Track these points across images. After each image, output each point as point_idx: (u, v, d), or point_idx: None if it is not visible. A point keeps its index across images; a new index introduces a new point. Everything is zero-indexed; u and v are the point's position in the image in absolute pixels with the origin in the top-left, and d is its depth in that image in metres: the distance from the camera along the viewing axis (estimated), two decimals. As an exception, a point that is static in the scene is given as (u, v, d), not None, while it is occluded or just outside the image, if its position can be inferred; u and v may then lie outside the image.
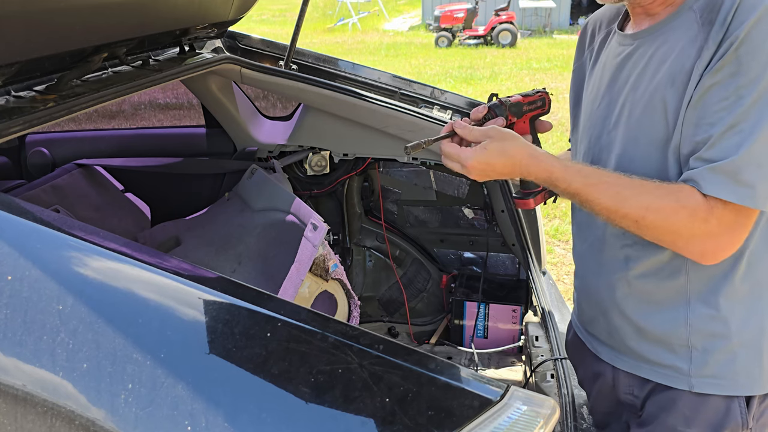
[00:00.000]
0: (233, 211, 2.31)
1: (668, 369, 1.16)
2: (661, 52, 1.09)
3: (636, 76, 1.13)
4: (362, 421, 0.78)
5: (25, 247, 0.89)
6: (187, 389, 0.77)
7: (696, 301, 1.12)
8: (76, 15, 1.44)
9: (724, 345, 1.12)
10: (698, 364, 1.14)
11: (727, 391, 1.13)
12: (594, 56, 1.30)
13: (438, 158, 2.37)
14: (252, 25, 18.03)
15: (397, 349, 0.87)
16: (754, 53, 0.96)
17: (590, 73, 1.30)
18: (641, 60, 1.12)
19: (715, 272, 1.10)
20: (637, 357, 1.20)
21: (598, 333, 1.29)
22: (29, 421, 0.81)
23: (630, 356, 1.22)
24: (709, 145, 0.99)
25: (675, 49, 1.06)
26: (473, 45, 14.24)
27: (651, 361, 1.18)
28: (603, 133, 1.20)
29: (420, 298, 2.77)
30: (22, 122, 1.38)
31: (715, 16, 1.01)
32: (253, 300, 0.89)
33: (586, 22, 1.37)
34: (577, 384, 1.52)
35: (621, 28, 1.22)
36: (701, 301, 1.12)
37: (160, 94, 3.02)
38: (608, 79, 1.20)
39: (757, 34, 0.96)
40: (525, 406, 0.84)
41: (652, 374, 1.19)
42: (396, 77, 2.41)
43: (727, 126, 0.98)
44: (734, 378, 1.12)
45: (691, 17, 1.06)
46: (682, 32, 1.06)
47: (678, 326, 1.14)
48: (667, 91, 1.06)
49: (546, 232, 4.14)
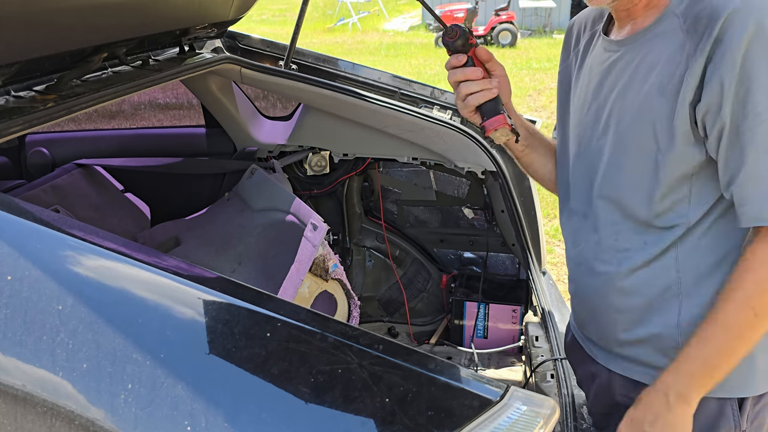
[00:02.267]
0: (233, 211, 2.31)
1: (660, 371, 1.16)
2: (649, 60, 1.09)
3: (623, 83, 1.13)
4: (362, 421, 0.78)
5: (25, 247, 0.89)
6: (187, 389, 0.77)
7: (687, 302, 1.12)
8: (76, 15, 1.44)
9: None
10: None
11: (718, 394, 1.12)
12: (579, 59, 1.29)
13: (437, 158, 2.37)
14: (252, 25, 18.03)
15: (397, 349, 0.87)
16: (758, 73, 0.96)
17: (577, 75, 1.29)
18: (628, 67, 1.12)
19: (704, 271, 1.11)
20: (630, 359, 1.21)
21: (592, 335, 1.29)
22: (29, 421, 0.81)
23: (623, 359, 1.22)
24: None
25: (662, 57, 1.06)
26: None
27: (643, 363, 1.19)
28: (592, 139, 1.20)
29: (420, 298, 2.77)
30: (22, 122, 1.38)
31: (701, 26, 1.00)
32: (253, 300, 0.89)
33: (572, 23, 1.36)
34: (577, 384, 1.52)
35: (606, 32, 1.22)
36: (692, 302, 1.12)
37: (160, 94, 3.02)
38: (595, 84, 1.20)
39: (756, 53, 0.96)
40: (525, 406, 0.84)
41: (645, 377, 1.19)
42: (396, 77, 2.41)
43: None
44: (725, 380, 1.11)
45: (676, 23, 1.05)
46: (668, 39, 1.06)
47: (669, 328, 1.14)
48: (655, 100, 1.06)
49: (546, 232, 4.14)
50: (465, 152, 2.29)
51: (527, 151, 1.37)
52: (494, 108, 1.18)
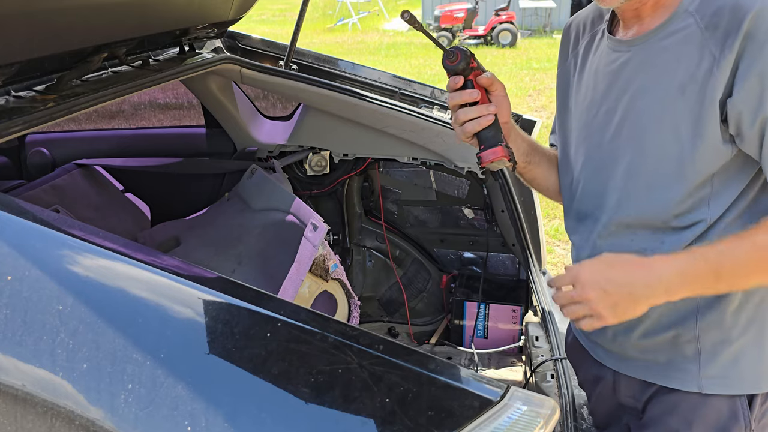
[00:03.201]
0: (233, 211, 2.31)
1: (677, 372, 1.15)
2: (664, 60, 1.06)
3: (638, 85, 1.10)
4: (362, 421, 0.78)
5: (25, 247, 0.89)
6: (186, 389, 0.77)
7: (705, 300, 1.11)
8: (76, 15, 1.44)
9: (731, 343, 1.12)
10: (706, 365, 1.13)
11: (734, 390, 1.13)
12: (580, 61, 1.26)
13: (437, 158, 2.37)
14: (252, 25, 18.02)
15: (397, 349, 0.87)
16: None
17: (578, 78, 1.26)
18: (641, 68, 1.09)
19: None
20: (645, 361, 1.19)
21: (601, 340, 1.27)
22: (29, 421, 0.81)
23: (637, 361, 1.21)
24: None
25: (679, 56, 1.04)
26: (473, 45, 14.24)
27: (659, 364, 1.17)
28: (603, 142, 1.17)
29: (420, 298, 2.77)
30: (22, 122, 1.38)
31: (722, 21, 0.98)
32: (253, 300, 0.89)
33: (568, 24, 1.32)
34: (577, 384, 1.52)
35: (611, 31, 1.18)
36: (710, 300, 1.11)
37: (160, 94, 3.02)
38: (604, 87, 1.17)
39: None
40: (525, 406, 0.84)
41: (660, 378, 1.18)
42: (396, 77, 2.41)
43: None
44: (740, 376, 1.12)
45: (690, 21, 1.03)
46: (683, 38, 1.04)
47: (688, 328, 1.13)
48: (677, 101, 1.04)
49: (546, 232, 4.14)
50: (465, 152, 2.29)
51: (529, 167, 1.33)
52: (492, 136, 1.12)
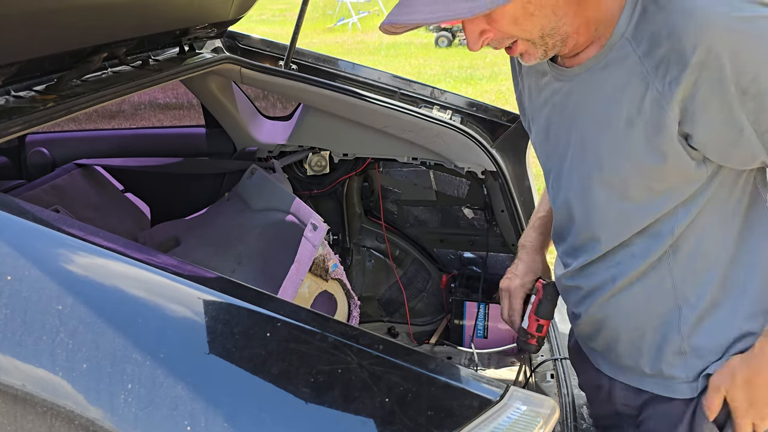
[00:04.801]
0: (233, 211, 2.31)
1: (667, 379, 1.16)
2: (606, 91, 1.03)
3: (586, 117, 1.08)
4: (362, 421, 0.78)
5: (25, 247, 0.89)
6: (186, 389, 0.77)
7: (685, 306, 1.12)
8: (76, 15, 1.44)
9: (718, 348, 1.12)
10: (694, 369, 1.14)
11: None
12: (529, 86, 1.24)
13: (437, 158, 2.37)
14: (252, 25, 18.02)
15: (397, 349, 0.87)
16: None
17: (530, 104, 1.24)
18: (587, 99, 1.07)
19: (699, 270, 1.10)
20: (636, 371, 1.20)
21: (597, 347, 1.28)
22: (29, 421, 0.81)
23: (629, 371, 1.22)
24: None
25: (621, 87, 1.01)
26: (473, 45, 14.22)
27: (649, 373, 1.18)
28: (561, 172, 1.17)
29: (420, 298, 2.77)
30: (22, 122, 1.38)
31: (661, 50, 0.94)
32: (253, 300, 0.89)
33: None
34: (579, 387, 1.52)
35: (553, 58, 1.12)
36: (690, 305, 1.11)
37: (160, 94, 3.02)
38: (555, 117, 1.15)
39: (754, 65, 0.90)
40: (525, 406, 0.84)
41: (653, 386, 1.18)
42: (396, 77, 2.41)
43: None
44: None
45: (628, 49, 0.99)
46: (622, 67, 1.00)
47: (672, 336, 1.14)
48: (625, 132, 1.02)
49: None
50: (465, 152, 2.29)
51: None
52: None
